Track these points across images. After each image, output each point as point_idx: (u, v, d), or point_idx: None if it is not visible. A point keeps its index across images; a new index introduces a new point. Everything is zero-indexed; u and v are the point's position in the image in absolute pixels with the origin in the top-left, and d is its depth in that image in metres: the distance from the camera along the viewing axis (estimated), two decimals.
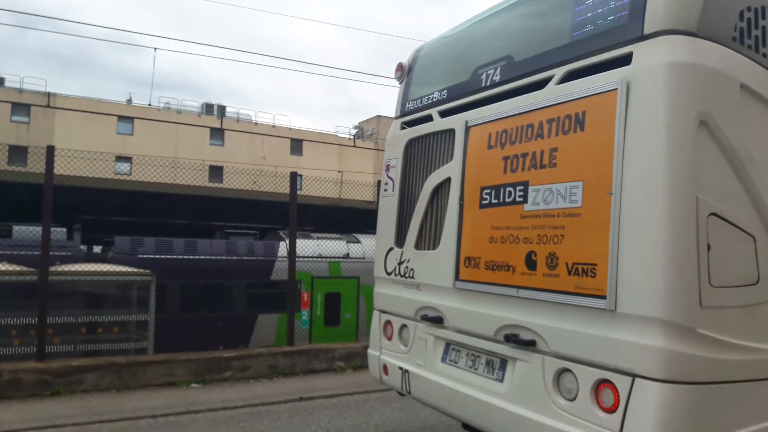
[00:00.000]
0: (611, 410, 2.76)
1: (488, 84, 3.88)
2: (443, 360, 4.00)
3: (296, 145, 44.26)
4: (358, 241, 17.81)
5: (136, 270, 13.73)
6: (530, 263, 3.28)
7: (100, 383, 6.97)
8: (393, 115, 5.00)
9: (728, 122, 2.71)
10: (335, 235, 17.97)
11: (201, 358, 7.67)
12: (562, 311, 3.07)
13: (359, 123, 54.14)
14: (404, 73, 4.92)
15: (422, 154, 4.48)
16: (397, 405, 6.79)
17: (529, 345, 3.25)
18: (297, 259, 17.13)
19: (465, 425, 3.95)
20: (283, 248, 16.26)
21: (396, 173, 4.74)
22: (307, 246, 15.58)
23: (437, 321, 4.04)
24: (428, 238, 4.28)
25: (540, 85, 3.44)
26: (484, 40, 4.10)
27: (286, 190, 8.99)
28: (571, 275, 3.02)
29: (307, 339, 14.80)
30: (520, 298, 3.33)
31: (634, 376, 2.67)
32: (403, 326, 4.47)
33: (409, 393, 4.30)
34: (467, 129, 3.93)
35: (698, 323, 2.57)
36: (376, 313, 4.90)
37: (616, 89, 2.89)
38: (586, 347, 2.92)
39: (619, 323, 2.76)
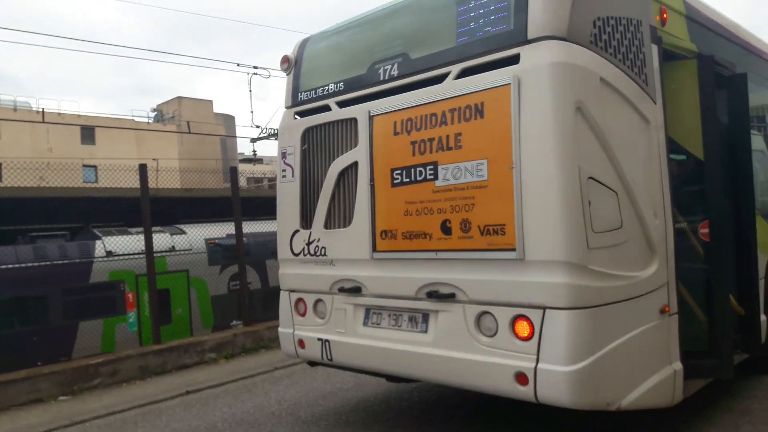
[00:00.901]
0: (527, 338, 3.52)
1: (386, 78, 4.42)
2: (365, 324, 4.51)
3: (87, 133, 40.45)
4: (183, 232, 17.22)
5: None
6: (445, 230, 3.91)
7: None
8: (284, 105, 5.30)
9: (594, 107, 3.56)
10: (157, 228, 17.21)
11: (66, 369, 7.26)
12: (477, 266, 3.75)
13: (158, 106, 50.96)
14: (291, 65, 5.25)
15: (322, 141, 4.88)
16: (286, 382, 7.14)
17: (450, 297, 3.90)
18: (117, 257, 16.21)
19: (391, 378, 4.51)
20: (100, 247, 15.29)
21: (294, 160, 5.09)
22: (126, 242, 14.81)
23: (355, 291, 4.53)
24: (338, 218, 4.72)
25: (438, 80, 4.07)
26: (378, 37, 4.62)
27: (80, 184, 8.71)
28: (483, 236, 3.71)
29: (136, 343, 14.20)
30: (438, 260, 3.96)
31: (544, 308, 3.44)
32: (318, 301, 4.88)
33: (330, 360, 4.74)
34: (371, 118, 4.43)
35: (588, 261, 3.40)
36: (284, 294, 5.22)
37: (510, 84, 3.61)
38: (501, 292, 3.64)
39: (528, 269, 3.51)
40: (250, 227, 18.34)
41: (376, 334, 4.40)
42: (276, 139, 17.68)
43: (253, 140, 19.64)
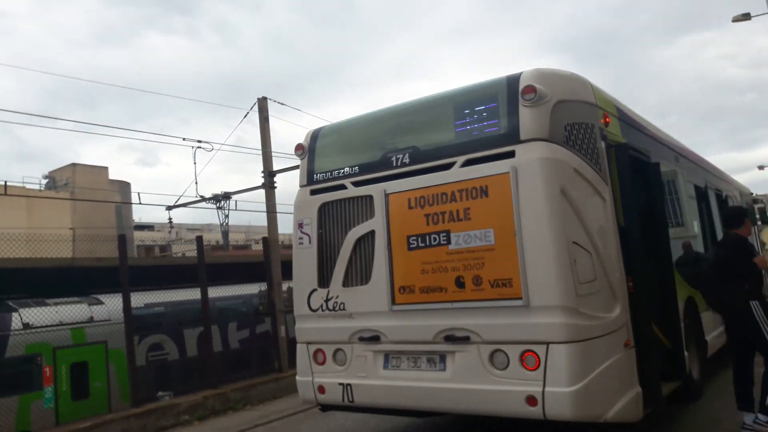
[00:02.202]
0: (535, 368, 4.55)
1: (399, 165, 5.48)
2: (385, 368, 5.37)
3: None
4: (101, 302, 17.02)
5: None
6: (459, 284, 4.93)
7: None
8: (300, 184, 6.21)
9: (571, 189, 4.78)
10: (74, 299, 16.89)
11: None
12: (489, 312, 4.78)
13: (50, 172, 49.18)
14: (305, 151, 6.22)
15: (338, 214, 5.81)
16: None
17: (465, 340, 4.89)
18: (33, 330, 15.80)
19: (415, 414, 5.35)
20: (17, 320, 14.90)
21: (311, 230, 5.97)
22: (43, 314, 14.56)
23: (374, 339, 5.41)
24: (356, 277, 5.61)
25: (446, 167, 5.17)
26: (389, 131, 5.72)
27: None
28: (493, 288, 4.76)
29: (53, 420, 13.84)
30: (453, 309, 4.95)
31: (548, 343, 4.50)
32: (338, 350, 5.69)
33: (352, 402, 5.52)
34: (386, 195, 5.44)
35: (578, 305, 4.53)
36: (302, 346, 5.97)
37: (509, 172, 4.77)
38: (511, 332, 4.67)
39: (532, 313, 4.58)
40: (167, 296, 18.41)
41: (396, 375, 5.27)
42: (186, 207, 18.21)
43: (169, 208, 19.87)
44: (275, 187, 15.70)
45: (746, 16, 19.92)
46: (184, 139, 14.38)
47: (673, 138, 8.24)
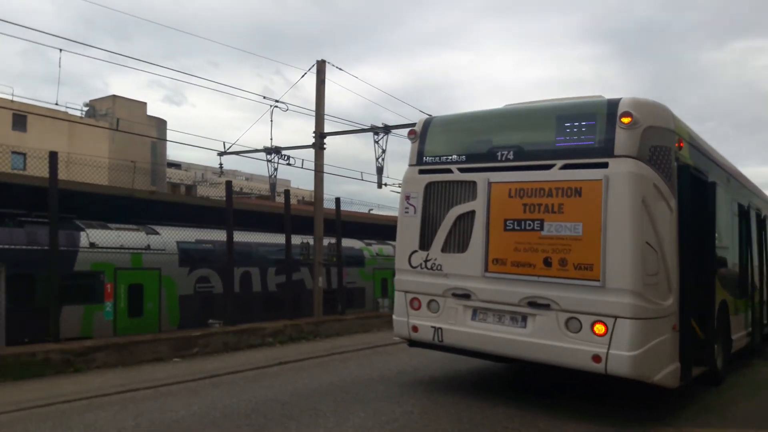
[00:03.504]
0: (603, 335, 5.82)
1: (503, 159, 6.69)
2: (473, 319, 6.69)
3: (19, 120, 39.83)
4: (157, 233, 18.51)
5: None
6: (547, 263, 6.19)
7: (109, 360, 7.87)
8: (409, 163, 7.43)
9: (649, 200, 5.97)
10: (133, 226, 18.34)
11: (175, 338, 8.92)
12: (569, 288, 6.04)
13: (90, 101, 50.62)
14: (417, 136, 7.43)
15: (443, 192, 7.06)
16: (354, 362, 9.12)
17: (545, 307, 6.17)
18: (98, 250, 17.36)
19: (494, 359, 6.69)
20: (84, 238, 16.43)
21: (417, 202, 7.24)
22: (107, 236, 16.04)
23: (465, 296, 6.72)
24: (454, 245, 6.89)
25: (546, 167, 6.37)
26: (497, 130, 6.92)
27: (7, 170, 9.32)
28: (576, 270, 6.01)
29: (111, 331, 15.39)
30: (538, 282, 6.22)
31: (616, 317, 5.77)
32: (431, 300, 7.01)
33: (441, 341, 6.87)
34: (489, 184, 6.66)
35: (643, 291, 5.77)
36: (400, 293, 7.31)
37: (601, 180, 5.97)
38: (586, 305, 5.94)
39: (606, 293, 5.83)
40: (216, 235, 19.93)
41: (482, 327, 6.60)
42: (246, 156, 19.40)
43: (220, 153, 21.06)
44: (324, 148, 16.88)
45: None
46: (264, 98, 15.46)
47: (727, 161, 9.34)
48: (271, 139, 17.65)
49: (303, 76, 16.84)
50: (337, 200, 14.75)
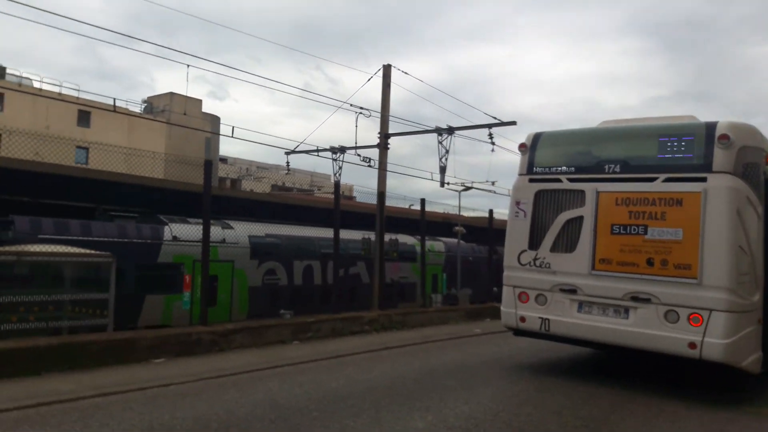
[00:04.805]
0: (698, 326, 6.81)
1: (610, 172, 7.69)
2: (578, 311, 7.72)
3: (84, 115, 41.84)
4: (232, 227, 19.81)
5: (96, 252, 14.41)
6: (650, 263, 7.19)
7: (244, 341, 9.11)
8: (519, 173, 8.47)
9: (742, 210, 6.92)
10: (212, 221, 19.56)
11: (294, 323, 10.13)
12: (669, 285, 7.03)
13: (148, 98, 52.66)
14: (527, 149, 8.47)
15: (552, 199, 8.09)
16: (450, 350, 10.22)
17: (647, 301, 7.17)
18: (179, 243, 18.67)
19: (598, 346, 7.72)
20: (167, 232, 17.82)
21: (527, 207, 8.28)
22: (187, 230, 17.25)
23: (572, 291, 7.75)
24: (562, 246, 7.92)
25: (650, 180, 7.36)
26: (604, 145, 7.92)
27: (71, 163, 10.45)
28: (676, 269, 7.00)
29: (187, 320, 16.62)
30: (641, 279, 7.22)
31: (711, 310, 6.75)
32: (539, 295, 8.06)
33: (548, 331, 7.92)
34: (597, 193, 7.68)
35: (736, 288, 6.74)
36: (509, 288, 8.38)
37: (701, 192, 6.94)
38: (683, 299, 6.92)
39: (702, 289, 6.80)
40: (284, 230, 21.22)
41: (588, 318, 7.62)
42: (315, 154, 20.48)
43: (288, 153, 22.19)
44: (388, 148, 17.94)
45: None
46: (351, 105, 16.58)
47: None
48: (356, 142, 18.66)
49: (369, 80, 17.92)
50: (422, 201, 15.75)
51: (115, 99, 14.64)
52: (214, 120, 49.10)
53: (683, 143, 7.29)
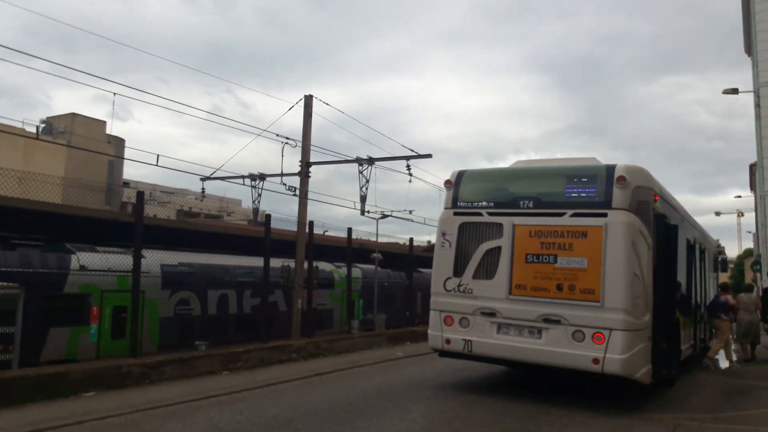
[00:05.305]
0: (600, 343, 7.74)
1: (525, 207, 8.60)
2: (497, 333, 8.49)
3: None
4: (143, 256, 19.28)
5: (2, 283, 13.70)
6: (559, 288, 8.09)
7: (174, 373, 9.14)
8: (444, 206, 9.22)
9: (636, 242, 7.98)
10: (119, 249, 19.01)
11: (224, 353, 10.24)
12: (576, 308, 7.95)
13: (47, 118, 50.10)
14: (452, 185, 9.26)
15: (474, 231, 8.88)
16: (378, 373, 10.71)
17: (557, 322, 8.06)
18: (87, 273, 18.11)
19: (513, 365, 8.50)
20: (75, 261, 17.23)
21: (452, 238, 9.03)
22: (95, 259, 16.89)
23: (492, 314, 8.53)
24: (483, 273, 8.69)
25: (559, 215, 8.31)
26: (519, 183, 8.82)
27: None
28: (581, 294, 7.93)
29: (94, 353, 16.13)
30: (552, 303, 8.10)
31: (611, 329, 7.71)
32: (463, 318, 8.77)
33: (470, 352, 8.63)
34: (513, 226, 8.55)
35: (631, 309, 7.74)
36: (435, 312, 9.04)
37: (602, 226, 7.96)
38: (589, 321, 7.85)
39: (604, 311, 7.76)
40: (198, 258, 20.95)
41: (506, 339, 8.41)
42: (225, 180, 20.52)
43: (203, 179, 22.03)
44: (309, 176, 18.40)
45: (734, 91, 23.75)
46: (277, 135, 16.83)
47: (680, 203, 11.65)
48: (282, 170, 18.83)
49: (290, 108, 18.27)
50: (349, 230, 16.09)
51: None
52: (119, 142, 47.26)
53: (587, 183, 8.31)
